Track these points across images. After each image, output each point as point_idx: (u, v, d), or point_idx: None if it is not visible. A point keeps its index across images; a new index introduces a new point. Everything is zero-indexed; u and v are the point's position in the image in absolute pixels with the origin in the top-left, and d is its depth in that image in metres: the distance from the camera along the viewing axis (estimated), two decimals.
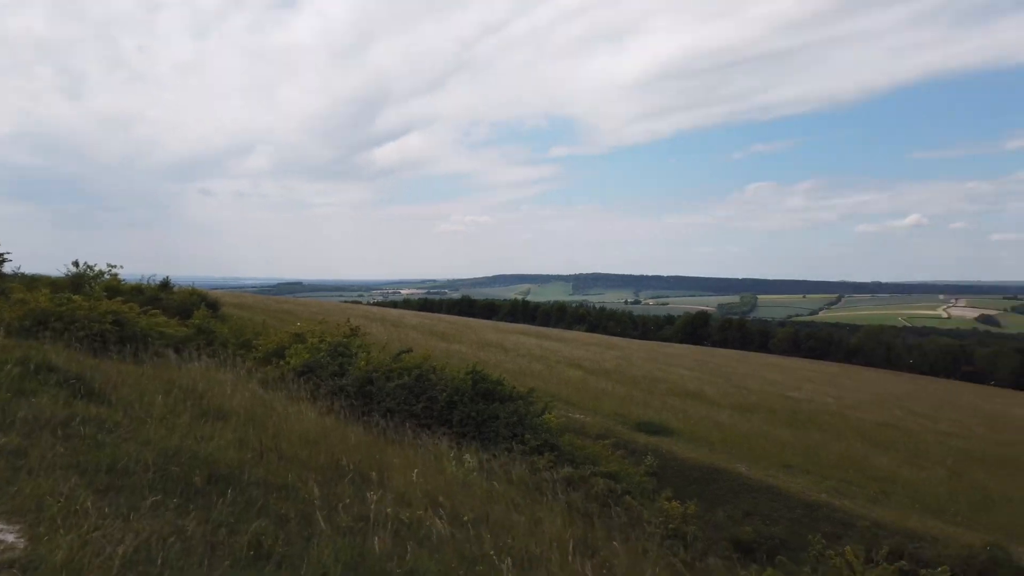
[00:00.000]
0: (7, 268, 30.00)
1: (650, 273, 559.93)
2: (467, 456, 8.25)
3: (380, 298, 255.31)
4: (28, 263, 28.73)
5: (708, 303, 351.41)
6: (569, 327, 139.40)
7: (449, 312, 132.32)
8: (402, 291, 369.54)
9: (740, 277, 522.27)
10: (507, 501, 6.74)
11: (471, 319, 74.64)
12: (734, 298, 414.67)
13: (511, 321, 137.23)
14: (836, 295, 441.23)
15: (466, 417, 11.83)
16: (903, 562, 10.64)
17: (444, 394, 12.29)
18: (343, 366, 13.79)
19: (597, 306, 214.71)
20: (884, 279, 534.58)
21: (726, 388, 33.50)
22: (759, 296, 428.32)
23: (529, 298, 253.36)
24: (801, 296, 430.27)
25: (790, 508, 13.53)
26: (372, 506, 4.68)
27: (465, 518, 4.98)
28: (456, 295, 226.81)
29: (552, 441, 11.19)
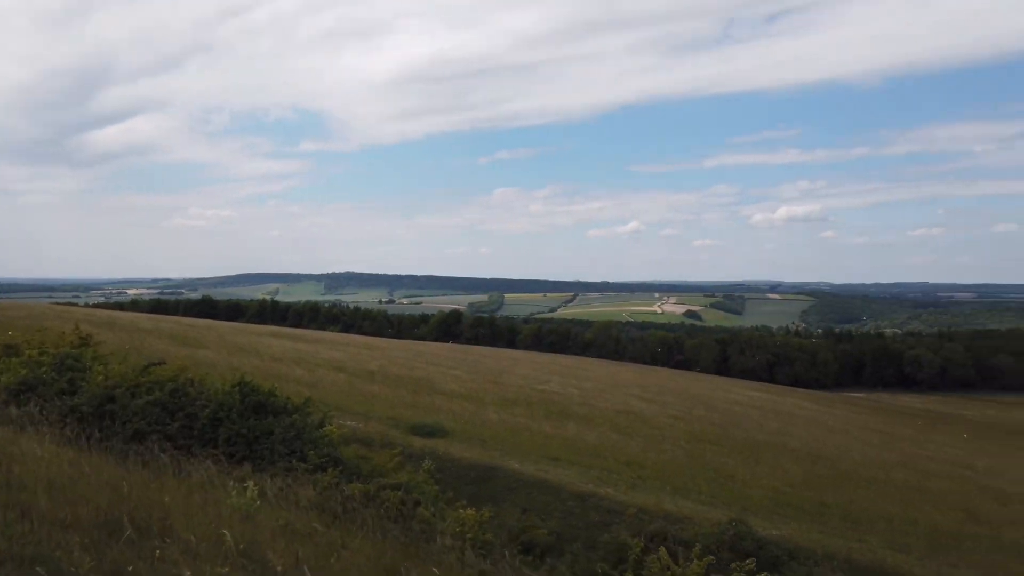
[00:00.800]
0: None
1: (404, 273, 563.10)
2: (250, 483, 7.26)
3: (102, 299, 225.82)
4: None
5: (460, 302, 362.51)
6: (323, 328, 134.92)
7: (188, 314, 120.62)
8: (129, 291, 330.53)
9: (488, 277, 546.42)
10: (307, 534, 6.00)
11: (215, 321, 68.73)
12: (483, 297, 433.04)
13: (259, 323, 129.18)
14: (572, 294, 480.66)
15: (235, 435, 10.57)
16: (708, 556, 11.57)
17: (207, 410, 10.89)
18: (74, 382, 11.66)
19: (351, 306, 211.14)
20: (611, 279, 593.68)
21: (486, 385, 34.52)
22: (505, 295, 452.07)
23: (278, 298, 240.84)
24: (542, 295, 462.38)
25: (562, 500, 14.13)
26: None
27: (279, 568, 4.23)
28: (195, 295, 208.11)
29: (335, 455, 10.41)
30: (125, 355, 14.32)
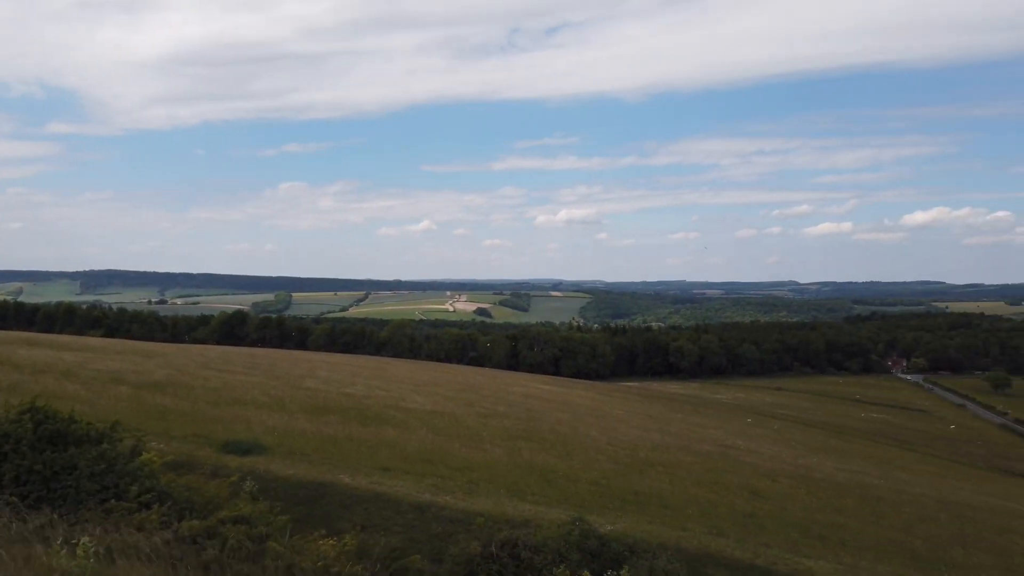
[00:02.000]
0: None
1: (177, 271, 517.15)
2: (85, 539, 5.98)
3: None
4: None
5: (243, 302, 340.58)
6: (81, 332, 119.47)
7: None
8: None
9: (274, 275, 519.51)
10: None
11: None
12: (269, 296, 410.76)
13: (1, 328, 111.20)
14: (364, 292, 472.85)
15: (26, 472, 8.82)
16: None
17: (23, 445, 8.98)
18: None
19: (115, 307, 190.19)
20: (404, 277, 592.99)
21: (289, 391, 32.59)
22: (293, 294, 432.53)
23: (23, 299, 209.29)
24: (333, 294, 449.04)
25: (401, 513, 13.62)
26: None
27: None
28: None
29: (159, 489, 9.03)
30: None
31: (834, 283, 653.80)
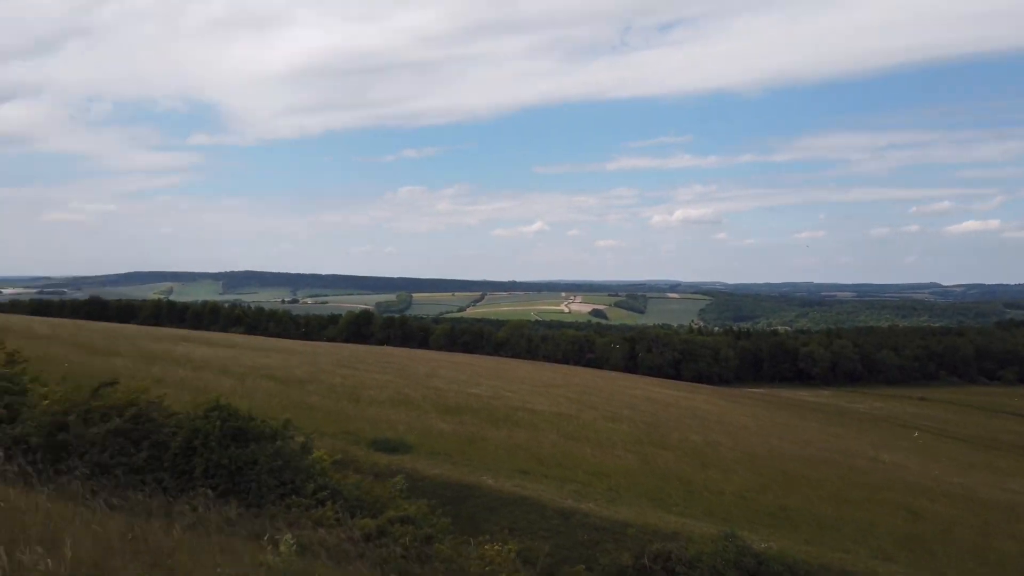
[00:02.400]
0: None
1: (307, 272, 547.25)
2: (287, 537, 6.29)
3: None
4: None
5: (367, 301, 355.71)
6: (224, 329, 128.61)
7: (75, 315, 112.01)
8: (5, 290, 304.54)
9: (395, 276, 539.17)
10: None
11: (116, 325, 63.96)
12: (391, 296, 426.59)
13: (154, 324, 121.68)
14: (480, 293, 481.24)
15: (214, 466, 9.45)
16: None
17: (177, 438, 9.70)
18: (13, 408, 10.16)
19: (253, 306, 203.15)
20: (519, 278, 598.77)
21: (420, 390, 33.52)
22: (414, 294, 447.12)
23: (173, 298, 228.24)
24: (451, 294, 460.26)
25: (546, 518, 13.60)
26: None
27: None
28: (80, 295, 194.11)
29: (332, 486, 9.44)
30: (66, 374, 12.69)
31: (982, 285, 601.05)
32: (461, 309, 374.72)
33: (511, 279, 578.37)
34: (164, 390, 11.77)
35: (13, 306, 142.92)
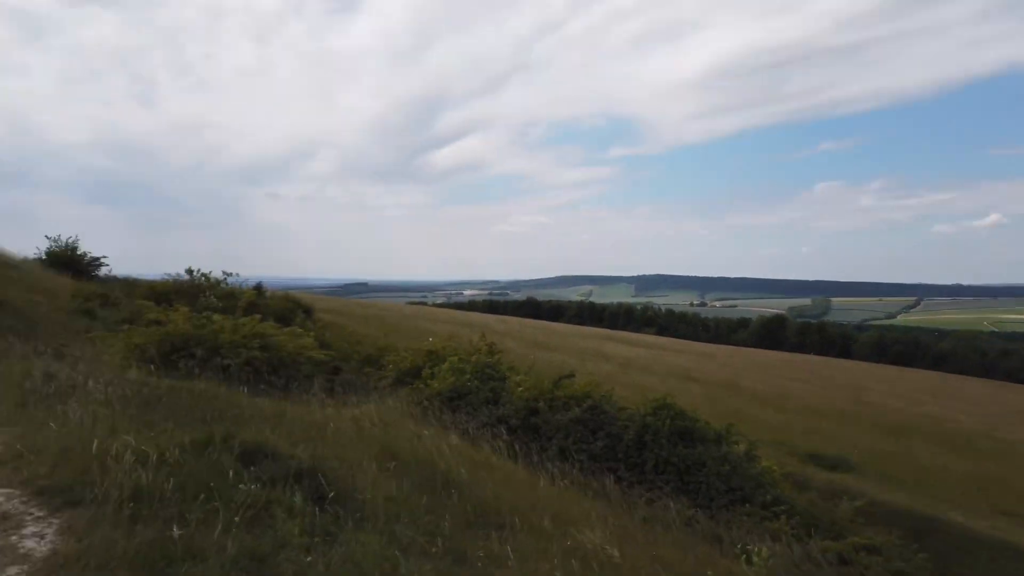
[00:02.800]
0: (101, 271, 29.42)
1: (715, 275, 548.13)
2: (763, 549, 6.10)
3: (443, 299, 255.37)
4: (112, 265, 28.24)
5: (778, 306, 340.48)
6: (637, 330, 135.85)
7: (516, 314, 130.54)
8: (465, 292, 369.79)
9: (810, 279, 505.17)
10: None
11: (549, 323, 72.53)
12: (805, 300, 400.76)
13: (578, 323, 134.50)
14: (914, 298, 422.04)
15: (663, 463, 9.71)
16: None
17: (629, 431, 10.22)
18: (496, 392, 11.89)
19: (663, 308, 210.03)
20: (965, 281, 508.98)
21: (851, 405, 30.48)
22: (832, 299, 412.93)
23: (592, 299, 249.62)
24: (876, 299, 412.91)
25: None
26: None
27: None
28: (519, 296, 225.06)
29: (784, 499, 8.96)
30: (532, 365, 14.52)
31: None
32: (890, 316, 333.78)
33: (955, 282, 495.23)
34: (663, 396, 12.53)
35: (471, 305, 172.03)
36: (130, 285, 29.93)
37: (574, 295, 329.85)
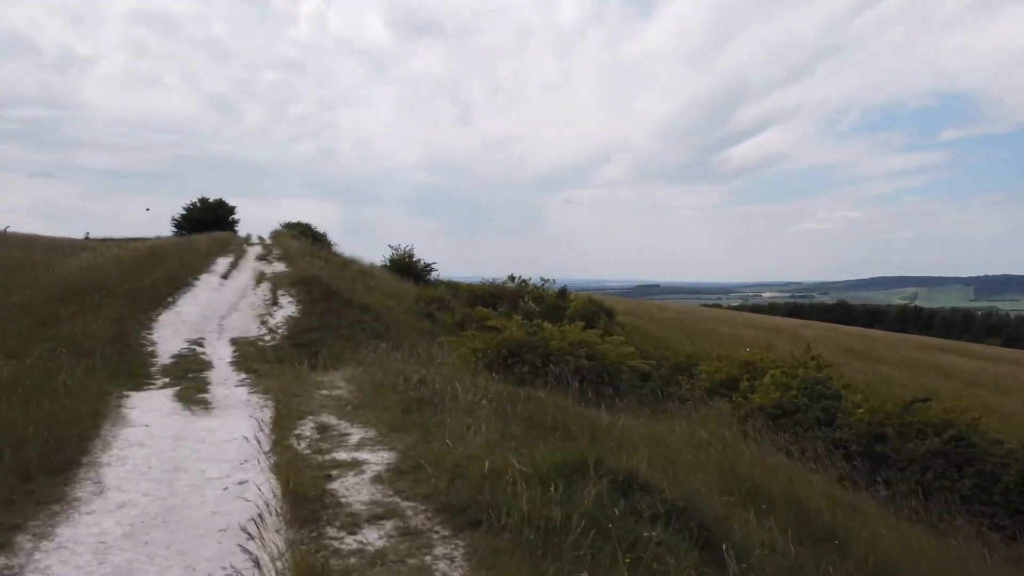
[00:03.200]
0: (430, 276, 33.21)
1: None
2: None
3: (739, 301, 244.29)
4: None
5: None
6: (978, 339, 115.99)
7: (823, 318, 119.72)
8: (764, 294, 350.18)
9: None
10: None
11: (868, 330, 65.18)
12: None
13: (899, 330, 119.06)
14: None
15: None
16: None
17: (1011, 472, 8.54)
18: (829, 412, 10.80)
19: (1012, 314, 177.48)
20: None
21: None
22: None
23: (917, 303, 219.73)
24: None
25: None
26: None
27: None
28: (826, 299, 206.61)
29: None
30: (867, 385, 13.03)
31: None
32: None
33: None
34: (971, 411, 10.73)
35: (771, 308, 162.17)
36: (454, 287, 33.38)
37: (894, 298, 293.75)
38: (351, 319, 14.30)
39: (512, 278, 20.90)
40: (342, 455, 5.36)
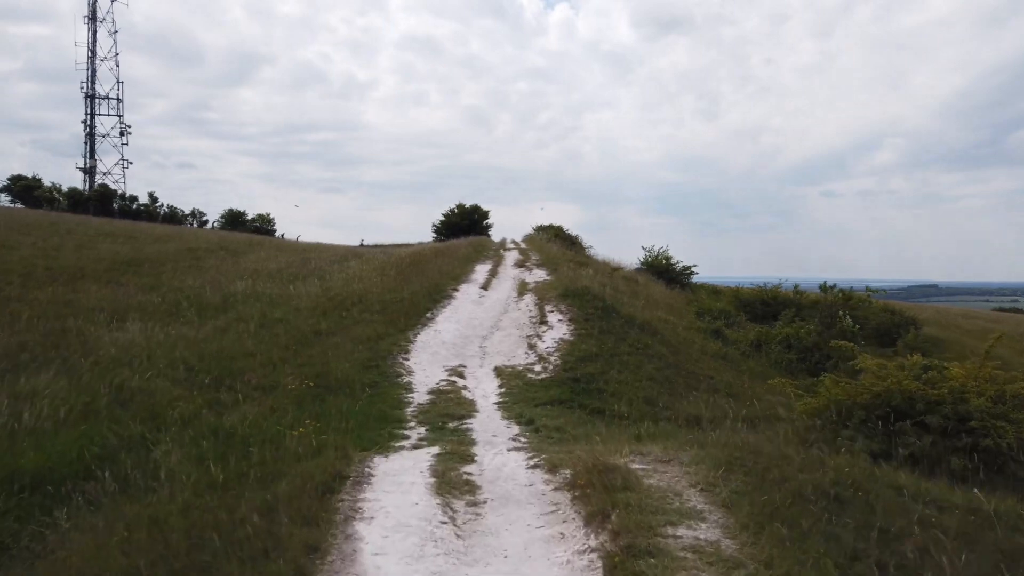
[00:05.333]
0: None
1: None
2: None
3: None
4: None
5: None
6: None
7: None
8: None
9: None
10: None
11: None
12: None
13: None
14: None
15: None
16: None
17: None
18: None
19: None
20: None
21: None
22: None
23: None
24: None
25: None
26: None
27: None
28: None
29: None
30: None
31: None
32: None
33: None
34: None
35: None
36: (713, 292, 29.07)
37: None
38: (633, 342, 11.53)
39: (824, 287, 16.75)
40: None
